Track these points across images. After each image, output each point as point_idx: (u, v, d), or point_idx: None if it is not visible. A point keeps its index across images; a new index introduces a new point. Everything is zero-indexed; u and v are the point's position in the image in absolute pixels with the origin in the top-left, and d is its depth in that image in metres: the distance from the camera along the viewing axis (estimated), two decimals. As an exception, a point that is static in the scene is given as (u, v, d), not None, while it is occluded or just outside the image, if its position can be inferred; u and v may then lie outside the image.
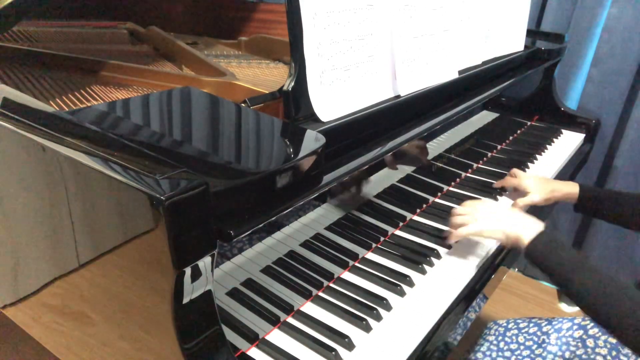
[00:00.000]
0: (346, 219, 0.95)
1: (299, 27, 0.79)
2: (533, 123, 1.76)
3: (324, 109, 0.84)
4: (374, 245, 1.00)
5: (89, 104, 0.95)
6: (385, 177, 1.03)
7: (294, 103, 0.81)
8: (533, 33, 1.72)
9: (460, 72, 1.18)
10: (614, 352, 0.85)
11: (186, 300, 0.59)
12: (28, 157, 0.70)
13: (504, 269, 1.08)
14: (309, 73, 0.82)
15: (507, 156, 1.49)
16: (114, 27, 1.51)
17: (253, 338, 0.75)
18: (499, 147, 1.53)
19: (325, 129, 0.81)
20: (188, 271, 0.57)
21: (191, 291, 0.59)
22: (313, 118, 0.83)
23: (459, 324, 0.89)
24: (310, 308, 0.83)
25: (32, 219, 0.74)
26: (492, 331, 0.92)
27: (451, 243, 0.96)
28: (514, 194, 1.23)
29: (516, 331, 0.89)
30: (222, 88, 1.03)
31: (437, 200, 1.20)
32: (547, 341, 0.84)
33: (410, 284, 0.91)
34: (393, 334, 0.80)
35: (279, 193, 0.68)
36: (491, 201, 1.07)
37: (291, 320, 0.80)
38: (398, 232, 1.06)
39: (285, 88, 0.80)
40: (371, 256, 0.98)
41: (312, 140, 0.74)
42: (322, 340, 0.77)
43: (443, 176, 1.25)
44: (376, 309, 0.83)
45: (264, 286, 0.81)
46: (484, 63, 1.30)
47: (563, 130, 1.72)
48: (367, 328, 0.80)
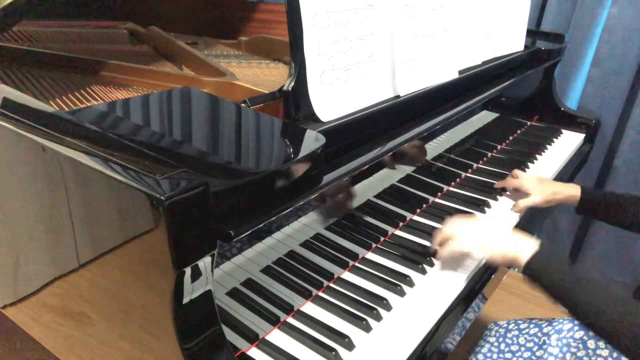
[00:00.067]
0: (346, 219, 0.95)
1: (299, 27, 0.79)
2: (533, 123, 1.76)
3: (324, 109, 0.84)
4: (374, 245, 1.00)
5: (89, 104, 0.95)
6: (385, 177, 1.03)
7: (294, 103, 0.81)
8: (533, 33, 1.72)
9: (460, 72, 1.18)
10: (615, 354, 0.85)
11: (186, 300, 0.59)
12: (28, 157, 0.70)
13: (504, 269, 1.08)
14: (309, 73, 0.82)
15: (507, 156, 1.49)
16: (114, 27, 1.51)
17: (253, 338, 0.75)
18: (499, 147, 1.53)
19: (325, 129, 0.81)
20: (188, 271, 0.57)
21: (191, 291, 0.59)
22: (313, 118, 0.83)
23: (459, 324, 0.89)
24: (310, 308, 0.83)
25: (32, 219, 0.74)
26: (493, 332, 0.92)
27: (441, 260, 0.93)
28: (515, 195, 1.24)
29: (517, 332, 0.89)
30: (222, 88, 1.03)
31: (437, 200, 1.20)
32: (548, 342, 0.84)
33: (410, 284, 0.91)
34: (393, 334, 0.80)
35: (279, 193, 0.68)
36: (476, 218, 1.06)
37: (291, 320, 0.80)
38: (398, 232, 1.06)
39: (285, 88, 0.80)
40: (371, 256, 0.98)
41: (312, 140, 0.74)
42: (322, 340, 0.77)
43: (443, 176, 1.25)
44: (376, 309, 0.83)
45: (264, 286, 0.81)
46: (484, 63, 1.30)
47: (563, 130, 1.72)
48: (367, 328, 0.80)
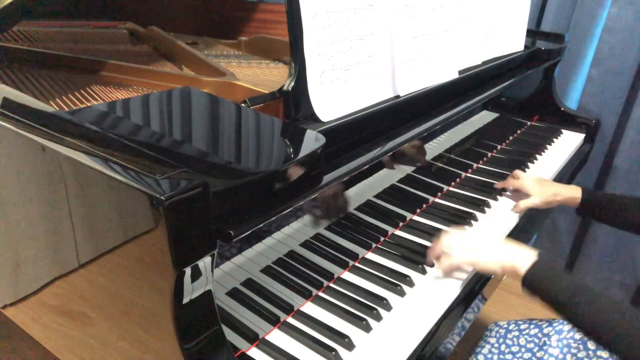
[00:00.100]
0: (346, 219, 0.95)
1: (299, 27, 0.79)
2: (533, 123, 1.76)
3: (324, 109, 0.84)
4: (374, 245, 1.00)
5: (89, 104, 0.95)
6: (385, 177, 1.03)
7: (294, 103, 0.81)
8: (533, 33, 1.72)
9: (460, 72, 1.18)
10: (615, 355, 0.85)
11: (186, 300, 0.59)
12: (28, 157, 0.70)
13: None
14: (309, 73, 0.82)
15: (507, 156, 1.49)
16: (114, 27, 1.51)
17: (253, 338, 0.75)
18: (499, 147, 1.53)
19: (325, 129, 0.81)
20: (188, 271, 0.57)
21: (191, 291, 0.59)
22: (313, 118, 0.83)
23: (459, 324, 0.89)
24: (310, 308, 0.83)
25: (32, 219, 0.74)
26: (493, 333, 0.92)
27: (442, 272, 0.93)
28: (515, 195, 1.24)
29: (517, 333, 0.89)
30: (222, 88, 1.03)
31: (437, 200, 1.20)
32: (549, 343, 0.84)
33: (410, 284, 0.91)
34: (393, 334, 0.80)
35: (279, 193, 0.68)
36: (473, 230, 1.05)
37: (291, 320, 0.80)
38: (398, 232, 1.06)
39: (285, 88, 0.80)
40: (371, 256, 0.98)
41: (312, 140, 0.74)
42: (322, 340, 0.77)
43: (443, 176, 1.25)
44: (376, 309, 0.83)
45: (264, 286, 0.81)
46: (484, 63, 1.30)
47: (563, 130, 1.72)
48: (367, 328, 0.80)
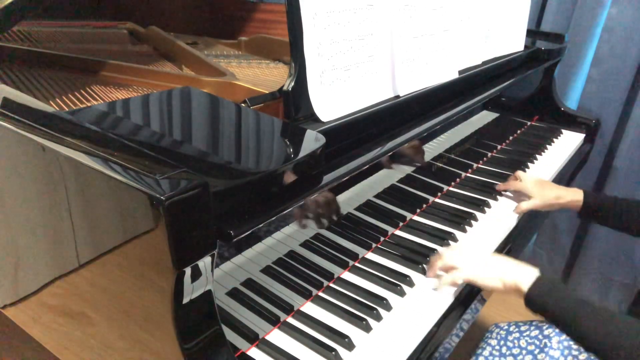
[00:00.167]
0: (346, 219, 0.95)
1: (299, 27, 0.79)
2: (533, 123, 1.76)
3: (324, 109, 0.84)
4: (374, 245, 1.00)
5: (89, 104, 0.95)
6: (385, 177, 1.03)
7: (294, 103, 0.81)
8: (533, 33, 1.72)
9: (460, 72, 1.18)
10: None
11: (186, 300, 0.59)
12: (28, 157, 0.70)
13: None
14: (309, 73, 0.82)
15: (507, 156, 1.49)
16: (114, 27, 1.51)
17: (253, 338, 0.75)
18: (499, 147, 1.53)
19: (325, 129, 0.81)
20: (188, 271, 0.57)
21: (191, 291, 0.59)
22: (313, 118, 0.83)
23: (459, 325, 0.89)
24: (310, 308, 0.83)
25: (32, 219, 0.74)
26: (494, 334, 0.92)
27: (443, 287, 0.91)
28: (516, 196, 1.24)
29: (518, 335, 0.89)
30: (222, 88, 1.03)
31: (437, 200, 1.20)
32: (549, 345, 0.84)
33: (410, 284, 0.91)
34: (393, 334, 0.80)
35: (279, 193, 0.68)
36: (473, 245, 1.04)
37: (291, 320, 0.80)
38: (398, 232, 1.06)
39: (285, 88, 0.80)
40: (371, 256, 0.98)
41: (312, 140, 0.74)
42: (322, 340, 0.77)
43: (443, 176, 1.25)
44: (376, 309, 0.83)
45: (264, 286, 0.81)
46: (484, 63, 1.30)
47: (563, 130, 1.73)
48: (367, 328, 0.80)
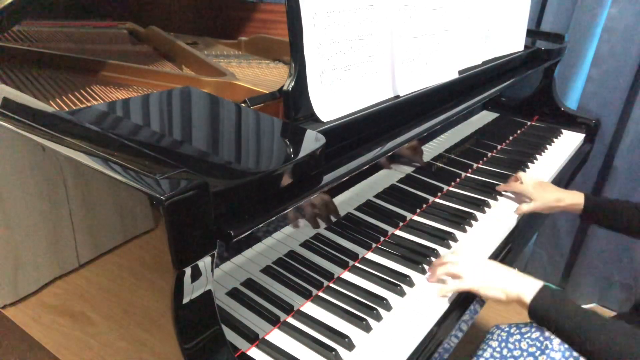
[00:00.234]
0: (346, 219, 0.95)
1: (299, 27, 0.79)
2: (533, 123, 1.76)
3: (324, 109, 0.84)
4: (374, 245, 1.00)
5: (89, 104, 0.95)
6: (385, 177, 1.03)
7: (294, 103, 0.81)
8: (533, 33, 1.72)
9: (460, 72, 1.18)
10: None
11: (186, 300, 0.59)
12: (28, 157, 0.70)
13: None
14: (309, 73, 0.82)
15: (507, 156, 1.49)
16: (114, 27, 1.51)
17: (253, 338, 0.75)
18: (499, 147, 1.53)
19: (325, 129, 0.81)
20: (188, 271, 0.57)
21: (191, 291, 0.59)
22: (313, 118, 0.83)
23: (459, 325, 0.89)
24: (310, 308, 0.83)
25: (32, 219, 0.74)
26: (495, 336, 0.92)
27: (444, 295, 0.91)
28: (516, 196, 1.24)
29: (519, 337, 0.89)
30: (222, 88, 1.03)
31: (437, 200, 1.20)
32: (550, 347, 0.84)
33: (410, 284, 0.91)
34: (393, 334, 0.80)
35: (279, 193, 0.68)
36: (474, 249, 1.03)
37: (291, 320, 0.80)
38: (398, 232, 1.06)
39: (285, 88, 0.80)
40: (371, 256, 0.98)
41: (312, 140, 0.74)
42: (322, 340, 0.77)
43: (443, 176, 1.25)
44: (376, 309, 0.83)
45: (264, 286, 0.81)
46: (484, 63, 1.30)
47: (563, 130, 1.73)
48: (367, 328, 0.80)
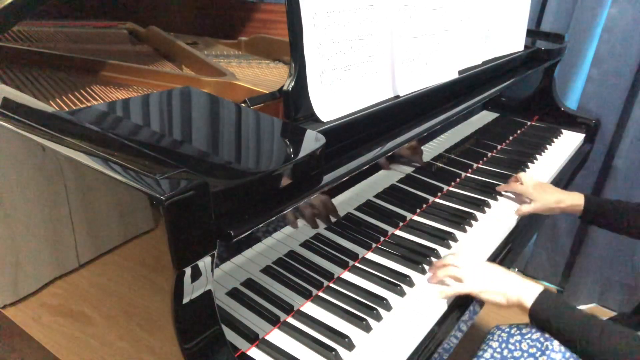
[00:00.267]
0: (346, 219, 0.95)
1: (299, 27, 0.79)
2: (533, 123, 1.76)
3: (324, 109, 0.84)
4: (374, 245, 1.00)
5: (89, 104, 0.95)
6: (385, 177, 1.03)
7: (294, 103, 0.81)
8: (533, 33, 1.72)
9: (460, 72, 1.18)
10: None
11: (186, 300, 0.59)
12: (28, 157, 0.70)
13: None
14: (309, 73, 0.82)
15: (507, 156, 1.49)
16: (114, 27, 1.51)
17: (253, 338, 0.75)
18: (499, 147, 1.53)
19: (325, 129, 0.81)
20: (188, 271, 0.57)
21: (191, 291, 0.59)
22: (313, 118, 0.83)
23: (460, 325, 0.89)
24: (310, 308, 0.83)
25: (32, 219, 0.74)
26: (495, 336, 0.92)
27: (444, 297, 0.90)
28: (516, 197, 1.24)
29: (519, 337, 0.89)
30: (222, 88, 1.03)
31: (437, 200, 1.20)
32: (551, 347, 0.84)
33: (410, 284, 0.91)
34: (393, 334, 0.80)
35: (279, 193, 0.68)
36: (476, 255, 1.02)
37: (291, 320, 0.80)
38: (398, 232, 1.06)
39: (285, 88, 0.80)
40: (371, 256, 0.98)
41: (312, 140, 0.74)
42: (322, 340, 0.77)
43: (443, 176, 1.25)
44: (376, 309, 0.83)
45: (264, 286, 0.81)
46: (484, 63, 1.30)
47: (563, 130, 1.73)
48: (367, 328, 0.80)
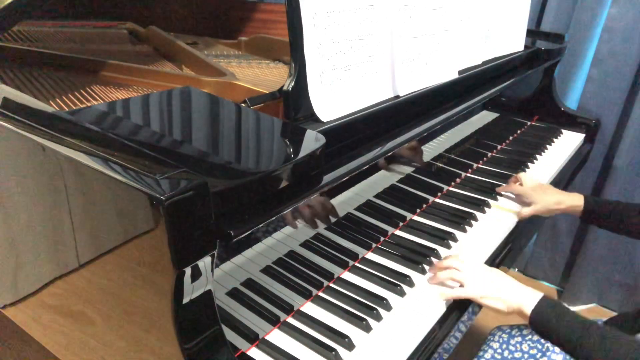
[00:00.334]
0: (346, 219, 0.95)
1: (299, 27, 0.79)
2: (533, 123, 1.76)
3: (324, 109, 0.84)
4: (374, 245, 1.00)
5: (89, 104, 0.95)
6: (385, 177, 1.03)
7: (294, 103, 0.81)
8: (533, 33, 1.72)
9: (460, 72, 1.18)
10: None
11: (186, 300, 0.59)
12: (28, 157, 0.70)
13: (504, 269, 1.08)
14: (309, 73, 0.82)
15: (507, 156, 1.49)
16: (114, 27, 1.51)
17: (253, 338, 0.75)
18: (499, 147, 1.53)
19: (325, 129, 0.81)
20: (188, 271, 0.57)
21: (191, 291, 0.59)
22: (313, 118, 0.83)
23: (460, 325, 0.89)
24: (310, 308, 0.83)
25: (32, 219, 0.74)
26: (496, 337, 0.92)
27: (444, 300, 0.90)
28: (517, 197, 1.24)
29: (520, 338, 0.89)
30: (222, 88, 1.03)
31: (437, 200, 1.20)
32: (552, 349, 0.84)
33: (410, 284, 0.91)
34: (393, 334, 0.80)
35: (279, 193, 0.68)
36: (477, 259, 1.01)
37: (291, 320, 0.80)
38: (398, 232, 1.06)
39: (285, 88, 0.80)
40: (371, 256, 0.98)
41: (312, 140, 0.74)
42: (322, 340, 0.77)
43: (443, 176, 1.25)
44: (376, 309, 0.83)
45: (264, 286, 0.81)
46: (484, 63, 1.30)
47: (563, 130, 1.73)
48: (367, 328, 0.80)
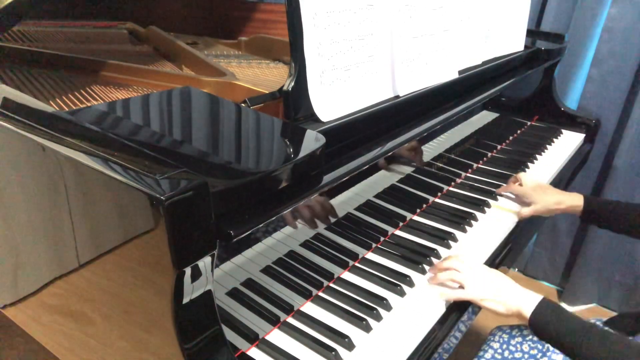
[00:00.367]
0: (346, 219, 0.95)
1: (299, 27, 0.79)
2: (533, 123, 1.76)
3: (324, 109, 0.84)
4: (374, 245, 1.00)
5: (89, 104, 0.95)
6: (385, 177, 1.03)
7: (294, 103, 0.81)
8: (533, 33, 1.72)
9: (460, 72, 1.18)
10: None
11: (186, 300, 0.59)
12: (28, 157, 0.70)
13: (504, 269, 1.08)
14: (309, 73, 0.82)
15: (507, 156, 1.49)
16: (114, 27, 1.51)
17: (253, 338, 0.75)
18: (499, 147, 1.53)
19: (325, 129, 0.81)
20: (188, 271, 0.57)
21: (191, 291, 0.59)
22: (313, 118, 0.83)
23: (460, 325, 0.89)
24: (310, 308, 0.83)
25: (32, 219, 0.74)
26: (496, 337, 0.92)
27: (445, 300, 0.90)
28: (517, 197, 1.24)
29: (520, 339, 0.89)
30: (222, 88, 1.03)
31: (437, 200, 1.20)
32: (552, 349, 0.84)
33: (410, 284, 0.91)
34: (393, 334, 0.80)
35: (279, 193, 0.68)
36: (478, 260, 1.00)
37: (291, 320, 0.80)
38: (398, 232, 1.06)
39: (285, 88, 0.80)
40: (371, 256, 0.98)
41: (312, 140, 0.74)
42: (322, 340, 0.77)
43: (443, 176, 1.25)
44: (376, 309, 0.83)
45: (264, 286, 0.81)
46: (484, 63, 1.30)
47: (563, 130, 1.73)
48: (367, 328, 0.80)
